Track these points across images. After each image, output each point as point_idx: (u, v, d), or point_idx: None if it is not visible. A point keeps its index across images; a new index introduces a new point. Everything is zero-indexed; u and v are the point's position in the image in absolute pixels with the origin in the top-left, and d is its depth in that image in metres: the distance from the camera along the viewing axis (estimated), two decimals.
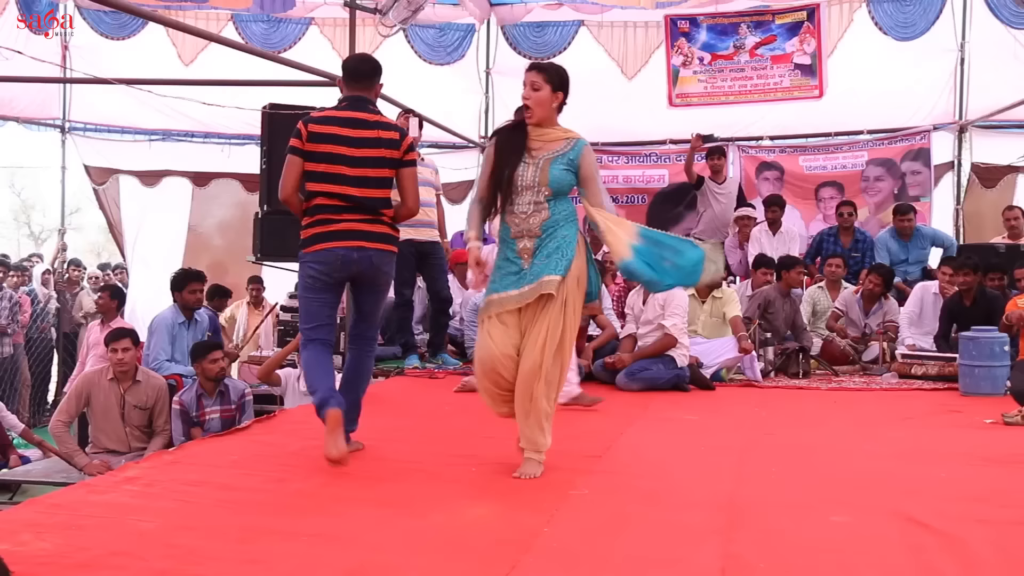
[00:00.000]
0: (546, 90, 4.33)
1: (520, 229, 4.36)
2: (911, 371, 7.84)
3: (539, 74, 4.35)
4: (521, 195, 4.36)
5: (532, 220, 4.35)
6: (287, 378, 6.82)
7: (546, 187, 4.33)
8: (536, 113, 4.36)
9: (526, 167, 4.37)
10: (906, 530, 3.53)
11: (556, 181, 4.33)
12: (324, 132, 4.63)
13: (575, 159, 4.37)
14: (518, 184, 4.36)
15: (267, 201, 9.23)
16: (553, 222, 4.34)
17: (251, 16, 11.96)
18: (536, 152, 4.39)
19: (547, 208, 4.34)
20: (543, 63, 4.59)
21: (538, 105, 4.34)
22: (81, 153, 12.46)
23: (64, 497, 4.00)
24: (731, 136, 11.76)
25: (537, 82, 4.33)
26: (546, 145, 4.39)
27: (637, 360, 7.42)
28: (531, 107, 4.35)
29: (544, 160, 4.36)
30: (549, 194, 4.34)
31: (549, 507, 3.82)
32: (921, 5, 11.19)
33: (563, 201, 4.39)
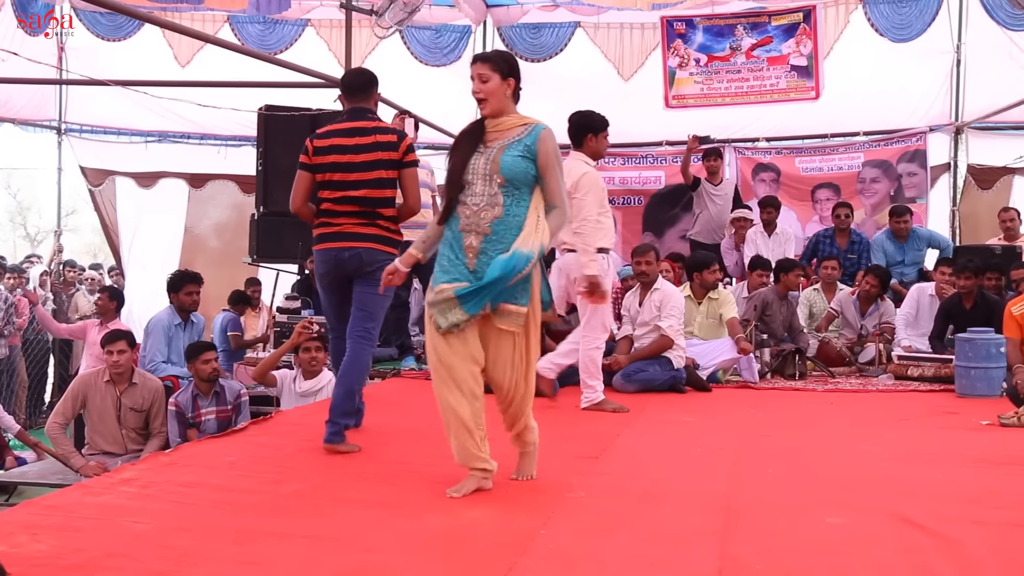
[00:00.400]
0: (495, 79, 4.10)
1: (469, 223, 4.04)
2: (907, 372, 7.84)
3: (484, 64, 4.13)
4: (473, 185, 4.06)
5: (483, 215, 4.02)
6: (283, 379, 6.81)
7: (498, 175, 4.01)
8: (491, 104, 4.12)
9: (479, 156, 4.09)
10: (902, 531, 3.53)
11: (509, 168, 4.00)
12: (327, 145, 5.10)
13: (532, 144, 4.07)
14: (470, 174, 4.07)
15: (263, 202, 9.26)
16: (505, 225, 3.99)
17: (247, 17, 11.97)
18: (491, 142, 4.12)
19: (501, 204, 4.00)
20: (486, 53, 4.36)
21: (491, 95, 4.11)
22: (77, 154, 12.47)
23: (60, 499, 4.00)
24: (727, 138, 11.78)
25: (484, 73, 4.11)
26: (502, 134, 4.12)
27: (633, 361, 7.42)
28: (484, 99, 4.12)
29: (498, 147, 4.08)
30: (502, 182, 4.00)
31: (546, 509, 3.82)
32: (917, 7, 11.20)
33: (521, 201, 4.04)
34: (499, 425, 4.29)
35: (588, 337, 6.33)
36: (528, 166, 4.05)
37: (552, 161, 4.08)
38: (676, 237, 11.63)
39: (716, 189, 10.56)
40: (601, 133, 6.38)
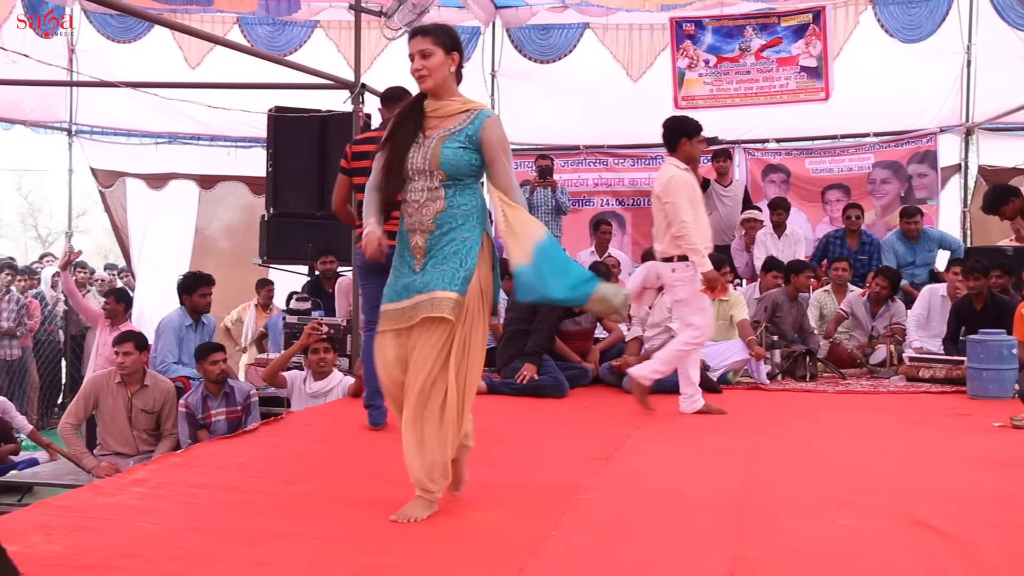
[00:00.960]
0: (438, 54, 3.71)
1: (412, 221, 3.75)
2: (918, 374, 7.83)
3: (425, 38, 3.73)
4: (414, 181, 3.74)
5: (425, 211, 3.71)
6: (293, 380, 6.83)
7: (438, 170, 3.68)
8: (432, 77, 3.72)
9: (418, 148, 3.75)
10: (913, 533, 3.53)
11: (450, 163, 3.68)
12: (362, 151, 5.42)
13: (475, 134, 3.71)
14: (409, 168, 3.74)
15: (273, 203, 9.28)
16: (450, 216, 3.70)
17: (257, 19, 11.98)
18: (430, 131, 3.76)
19: (443, 198, 3.70)
20: (425, 26, 3.87)
21: (434, 71, 3.71)
22: (88, 156, 12.49)
23: (72, 499, 4.02)
24: (737, 139, 11.77)
25: (427, 48, 3.71)
26: (442, 121, 3.76)
27: (644, 363, 7.41)
28: (426, 76, 3.72)
29: (438, 139, 3.72)
30: (444, 178, 3.69)
31: (557, 510, 3.82)
32: (927, 7, 11.17)
33: (466, 191, 3.74)
34: (510, 429, 4.29)
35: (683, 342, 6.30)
36: (471, 157, 3.72)
37: (498, 150, 3.74)
38: None
39: (725, 190, 10.55)
40: (696, 137, 6.38)
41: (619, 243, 11.85)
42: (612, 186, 12.27)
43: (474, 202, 3.76)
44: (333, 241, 9.07)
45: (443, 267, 3.67)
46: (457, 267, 3.67)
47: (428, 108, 3.80)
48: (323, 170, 9.28)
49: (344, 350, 7.75)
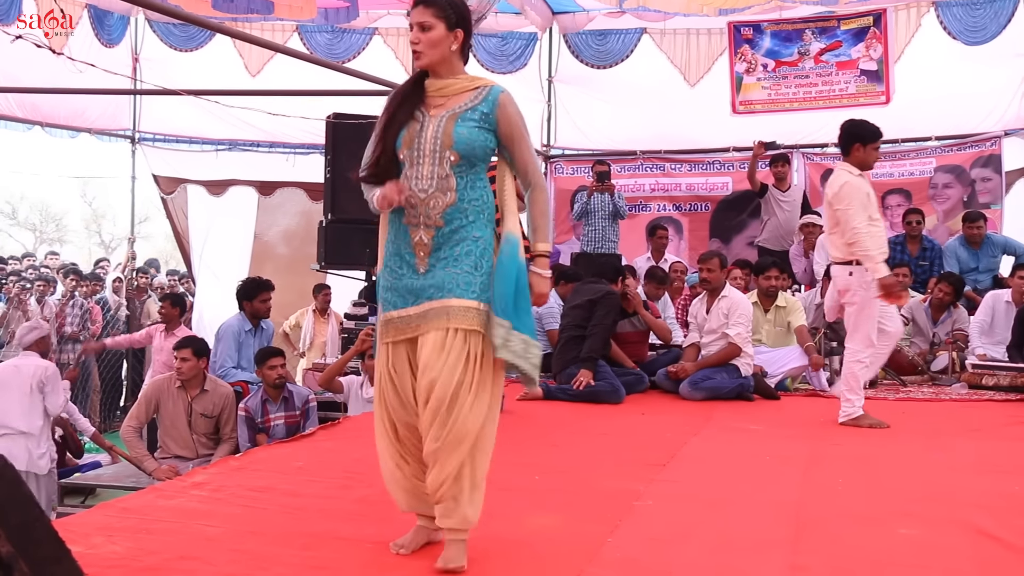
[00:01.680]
0: (439, 28, 3.24)
1: (416, 214, 3.26)
2: (981, 381, 7.70)
3: (427, 9, 3.25)
4: (418, 166, 3.27)
5: (432, 203, 3.24)
6: (350, 385, 6.87)
7: (451, 150, 3.22)
8: (427, 55, 3.27)
9: (423, 128, 3.28)
10: (977, 544, 3.47)
11: (465, 142, 3.22)
12: None
13: (490, 112, 3.28)
14: (415, 151, 3.28)
15: (331, 209, 9.35)
16: (460, 211, 3.24)
17: (316, 27, 12.10)
18: (436, 109, 3.30)
19: (454, 189, 3.23)
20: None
21: (433, 47, 3.25)
22: (150, 163, 12.69)
23: (134, 501, 4.07)
24: (795, 143, 11.66)
25: (427, 21, 3.24)
26: (449, 100, 3.31)
27: (700, 369, 7.37)
28: (421, 52, 3.27)
29: (448, 116, 3.27)
30: (456, 160, 3.22)
31: (613, 517, 3.81)
32: (992, 8, 10.99)
33: (477, 183, 3.29)
34: (565, 433, 4.27)
35: (851, 350, 6.18)
36: (487, 138, 3.28)
37: (519, 128, 3.34)
38: (744, 244, 11.56)
39: (784, 195, 10.47)
40: (871, 144, 6.17)
41: (676, 248, 11.80)
42: (669, 191, 12.23)
43: (485, 198, 3.32)
44: None
45: (455, 269, 3.21)
46: (472, 270, 3.21)
47: (431, 88, 3.34)
48: None
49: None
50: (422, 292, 3.23)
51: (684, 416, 6.56)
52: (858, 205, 5.92)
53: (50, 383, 7.17)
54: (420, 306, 3.22)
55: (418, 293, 3.24)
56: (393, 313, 3.28)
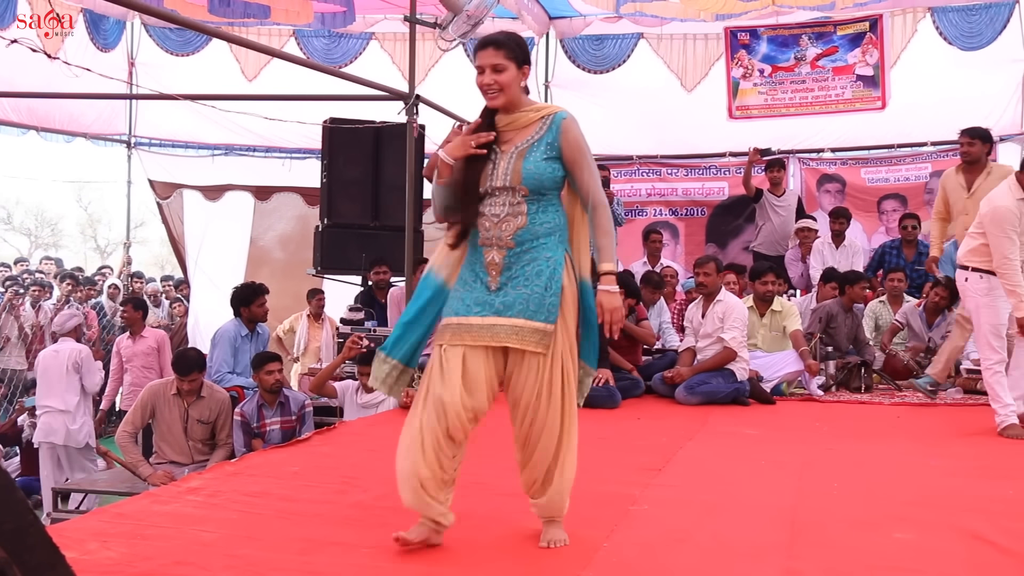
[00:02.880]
0: (511, 69, 3.43)
1: (490, 236, 3.45)
2: (977, 386, 7.70)
3: (499, 51, 3.42)
4: (493, 196, 3.46)
5: (504, 227, 3.42)
6: (344, 390, 6.87)
7: (521, 186, 3.41)
8: (503, 95, 3.44)
9: (496, 165, 3.47)
10: (972, 548, 3.47)
11: (532, 177, 3.41)
12: None
13: (555, 140, 3.45)
14: (489, 185, 3.46)
15: (327, 214, 9.37)
16: (531, 233, 3.42)
17: (313, 31, 12.11)
18: (507, 145, 3.49)
19: (525, 213, 3.42)
20: (496, 36, 3.50)
21: (507, 87, 3.43)
22: (146, 168, 12.69)
23: (129, 507, 4.07)
24: (792, 148, 11.69)
25: (500, 63, 3.41)
26: (518, 134, 3.49)
27: (696, 374, 7.38)
28: (497, 93, 3.44)
29: (517, 153, 3.45)
30: (527, 193, 3.42)
31: (609, 521, 3.81)
32: (988, 14, 11.01)
33: (549, 207, 3.46)
34: None
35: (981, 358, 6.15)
36: (554, 168, 3.45)
37: (581, 153, 3.47)
38: (739, 248, 11.56)
39: (779, 200, 10.48)
40: None
41: (672, 253, 11.82)
42: (665, 196, 12.24)
43: (557, 220, 3.49)
44: (386, 252, 9.12)
45: (526, 289, 3.39)
46: (543, 291, 3.38)
47: (501, 123, 3.52)
48: (377, 181, 9.37)
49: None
50: (489, 305, 3.42)
51: (680, 421, 6.57)
52: (1012, 231, 5.79)
53: (85, 364, 8.37)
54: (486, 318, 3.40)
55: (486, 305, 3.42)
56: (453, 319, 3.44)
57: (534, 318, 3.37)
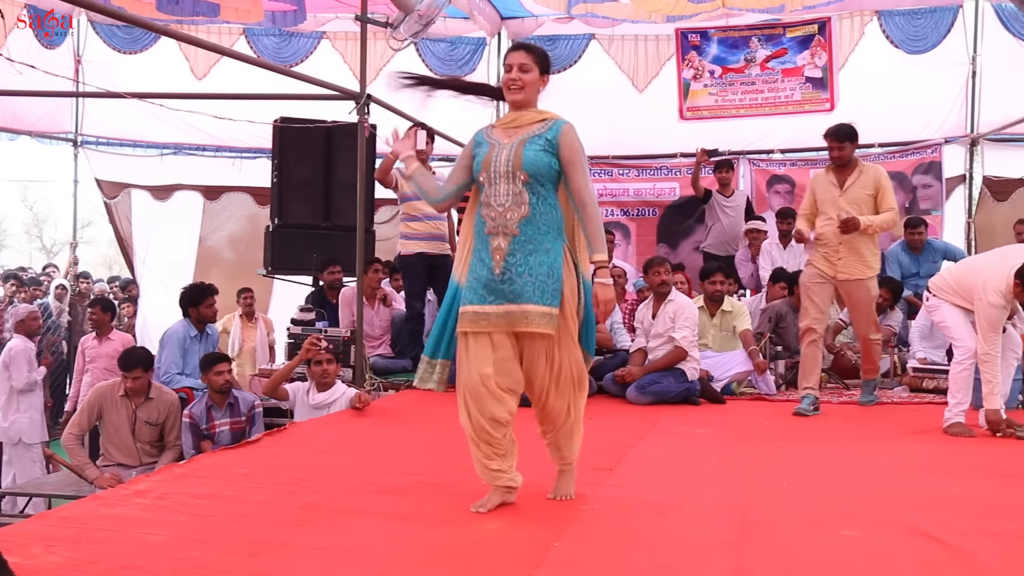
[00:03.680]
0: (535, 71, 4.00)
1: (496, 224, 3.92)
2: (922, 384, 7.82)
3: (529, 55, 4.01)
4: (496, 185, 3.94)
5: (509, 215, 3.90)
6: (295, 392, 6.82)
7: (521, 170, 3.89)
8: (526, 92, 4.00)
9: (499, 152, 3.95)
10: (917, 544, 3.52)
11: (531, 163, 3.88)
12: None
13: (554, 139, 3.93)
14: (492, 172, 3.95)
15: (278, 214, 9.29)
16: (532, 224, 3.90)
17: (263, 30, 12.01)
18: (509, 138, 3.98)
19: (527, 203, 3.89)
20: (530, 44, 4.15)
21: (529, 86, 3.99)
22: (93, 167, 12.51)
23: (74, 510, 4.01)
24: (742, 149, 11.76)
25: (527, 64, 3.98)
26: (521, 129, 3.99)
27: (647, 373, 7.41)
28: (519, 87, 3.99)
29: (519, 142, 3.94)
30: (526, 179, 3.89)
31: (560, 521, 3.82)
32: (932, 18, 11.17)
33: (547, 199, 3.94)
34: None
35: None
36: (551, 160, 3.91)
37: (576, 155, 3.93)
38: (690, 249, 11.62)
39: (727, 201, 10.55)
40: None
41: (623, 254, 11.86)
42: (617, 196, 12.27)
43: (555, 214, 3.96)
44: (338, 252, 9.07)
45: (531, 278, 3.87)
46: (546, 279, 3.87)
47: (507, 118, 4.08)
48: (328, 181, 9.31)
49: (348, 361, 7.76)
50: (501, 295, 3.89)
51: (631, 420, 6.60)
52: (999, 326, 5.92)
53: (14, 360, 8.40)
54: (500, 306, 3.89)
55: (498, 294, 3.90)
56: (469, 308, 3.94)
57: (541, 303, 3.85)
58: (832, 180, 6.95)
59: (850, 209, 6.74)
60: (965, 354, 6.08)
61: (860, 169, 6.95)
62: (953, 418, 6.07)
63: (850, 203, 6.80)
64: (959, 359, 6.14)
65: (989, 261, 6.21)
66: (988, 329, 5.86)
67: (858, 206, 6.80)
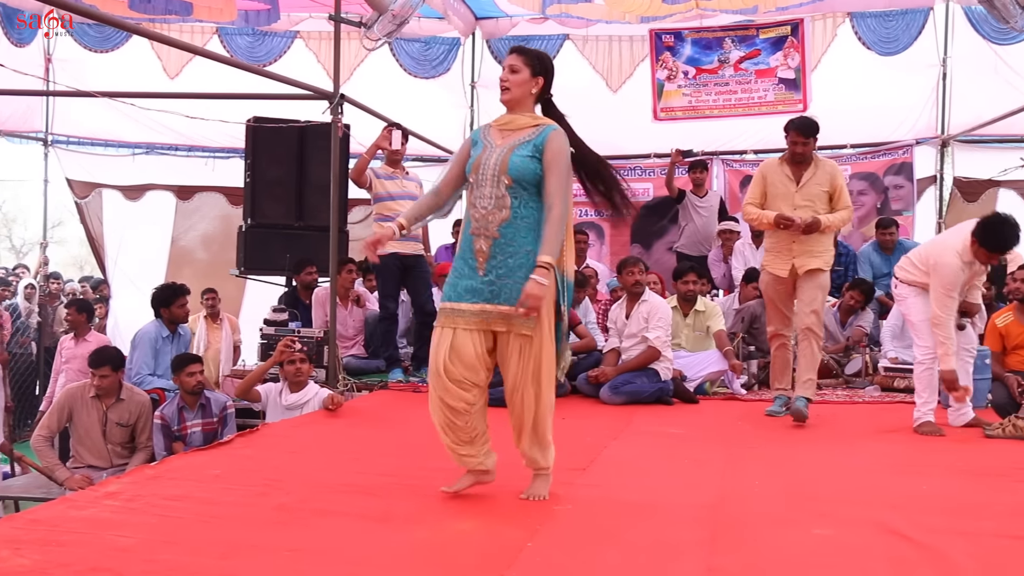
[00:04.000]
0: (525, 72, 4.08)
1: (479, 226, 4.02)
2: (893, 384, 7.87)
3: (519, 57, 4.10)
4: (482, 187, 4.03)
5: (491, 218, 4.00)
6: (268, 393, 6.79)
7: (506, 175, 3.97)
8: (512, 93, 4.09)
9: (490, 155, 4.05)
10: (888, 543, 3.54)
11: (516, 168, 3.96)
12: None
13: (540, 144, 4.00)
14: (481, 175, 4.05)
15: (251, 214, 9.25)
16: (513, 227, 3.98)
17: (236, 29, 11.95)
18: (501, 142, 4.07)
19: (508, 207, 3.98)
20: (524, 47, 4.23)
21: (515, 86, 4.08)
22: (64, 166, 12.39)
23: (44, 512, 3.98)
24: (715, 150, 11.80)
25: (516, 64, 4.08)
26: (514, 134, 4.07)
27: (620, 373, 7.43)
28: (508, 87, 4.09)
29: (508, 147, 4.03)
30: (510, 183, 3.97)
31: (533, 521, 3.82)
32: (904, 20, 11.25)
33: (529, 203, 4.00)
34: None
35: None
36: (537, 167, 3.98)
37: (557, 162, 3.98)
38: (663, 249, 11.64)
39: (701, 201, 10.59)
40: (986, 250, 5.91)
41: (597, 254, 11.87)
42: None
43: (536, 216, 4.00)
44: (311, 252, 9.05)
45: (510, 280, 3.94)
46: (524, 279, 3.89)
47: (501, 120, 4.15)
48: (301, 181, 9.27)
49: (321, 361, 7.73)
50: (479, 293, 3.99)
51: (604, 420, 6.60)
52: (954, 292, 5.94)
53: None
54: (476, 305, 3.98)
55: (476, 293, 3.99)
56: (446, 305, 4.04)
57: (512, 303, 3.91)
58: (788, 174, 6.73)
59: (806, 206, 6.53)
60: (926, 353, 6.12)
61: (816, 164, 6.74)
62: (923, 417, 6.12)
63: (806, 200, 6.57)
64: (920, 359, 6.19)
65: (949, 233, 6.36)
66: (943, 291, 5.87)
67: (813, 203, 6.56)
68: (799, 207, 6.52)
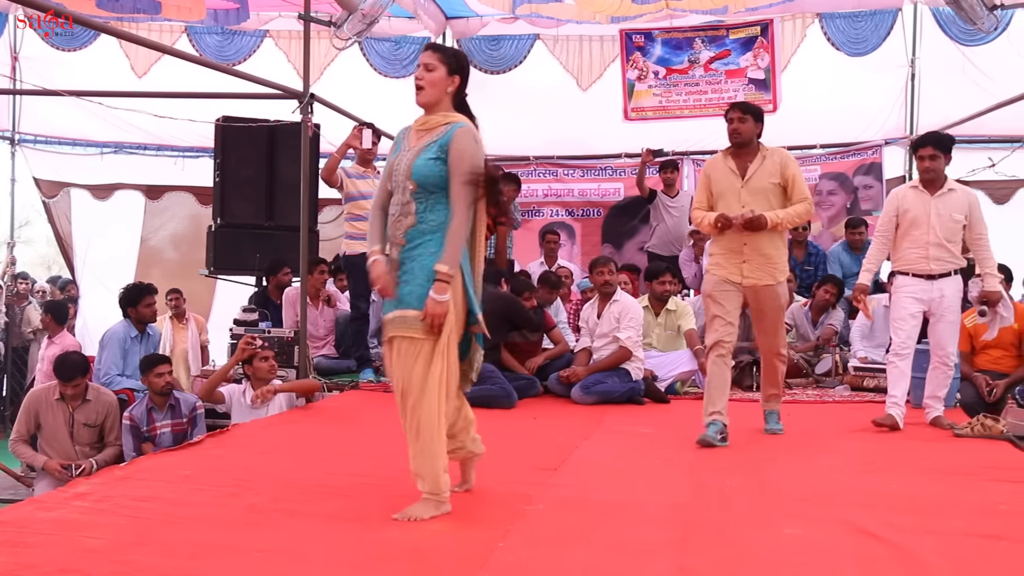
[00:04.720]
0: (441, 71, 3.89)
1: (391, 234, 3.92)
2: (863, 383, 7.91)
3: (434, 54, 3.92)
4: (396, 194, 3.91)
5: (398, 225, 3.86)
6: (231, 394, 6.75)
7: (410, 180, 3.81)
8: (427, 93, 3.90)
9: (402, 159, 3.91)
10: (858, 542, 3.56)
11: (420, 173, 3.80)
12: None
13: (445, 144, 3.81)
14: (394, 181, 3.92)
15: (220, 214, 9.20)
16: (419, 232, 3.82)
17: (205, 28, 11.89)
18: (414, 144, 3.91)
19: (413, 212, 3.82)
20: (439, 44, 4.06)
21: (431, 85, 3.89)
22: (31, 166, 12.28)
23: (11, 514, 3.95)
24: (686, 150, 11.83)
25: (431, 63, 3.88)
26: (426, 135, 3.90)
27: (592, 373, 7.43)
28: (423, 87, 3.90)
29: (416, 151, 3.86)
30: (414, 189, 3.80)
31: (504, 521, 3.82)
32: (873, 21, 11.32)
33: (436, 206, 3.82)
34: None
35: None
36: (442, 168, 3.80)
37: (460, 163, 3.78)
38: (634, 249, 11.67)
39: (672, 201, 10.61)
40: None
41: (568, 254, 11.88)
42: (561, 197, 12.30)
43: (443, 219, 3.81)
44: (281, 252, 9.00)
45: (411, 285, 3.78)
46: (424, 282, 3.74)
47: (418, 122, 3.97)
48: (271, 180, 9.23)
49: (291, 362, 7.70)
50: (392, 303, 3.84)
51: (575, 420, 6.61)
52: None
53: None
54: (390, 313, 3.84)
55: (390, 303, 3.85)
56: (384, 316, 3.91)
57: (418, 307, 3.74)
58: (732, 167, 5.90)
59: (753, 202, 5.75)
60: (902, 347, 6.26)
61: (763, 154, 5.88)
62: (888, 410, 6.23)
63: (754, 194, 5.77)
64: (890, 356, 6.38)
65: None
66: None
67: (764, 197, 5.77)
68: (747, 204, 5.76)
